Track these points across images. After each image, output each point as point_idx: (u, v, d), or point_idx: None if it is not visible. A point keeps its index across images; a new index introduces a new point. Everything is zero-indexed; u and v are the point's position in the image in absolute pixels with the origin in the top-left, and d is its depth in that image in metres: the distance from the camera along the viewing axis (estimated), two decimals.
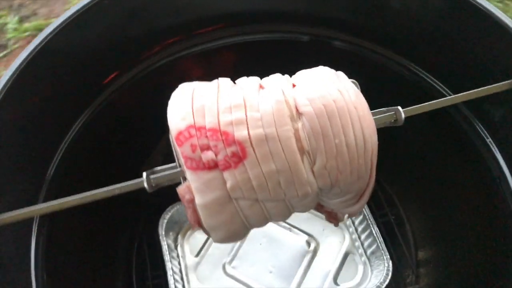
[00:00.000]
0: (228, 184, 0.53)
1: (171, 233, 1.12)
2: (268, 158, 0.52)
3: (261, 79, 0.62)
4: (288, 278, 1.06)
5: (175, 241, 1.13)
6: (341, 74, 0.63)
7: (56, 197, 0.63)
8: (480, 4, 0.79)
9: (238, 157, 0.52)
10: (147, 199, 1.17)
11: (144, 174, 0.62)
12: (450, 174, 1.04)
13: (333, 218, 0.71)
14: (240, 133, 0.53)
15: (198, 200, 0.54)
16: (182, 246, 1.13)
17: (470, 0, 0.80)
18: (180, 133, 0.54)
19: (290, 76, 0.62)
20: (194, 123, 0.54)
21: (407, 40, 0.95)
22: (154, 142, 1.15)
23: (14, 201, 0.76)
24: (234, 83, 0.61)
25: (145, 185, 0.62)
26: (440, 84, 0.94)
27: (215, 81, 0.61)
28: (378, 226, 1.10)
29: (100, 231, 1.08)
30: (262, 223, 0.60)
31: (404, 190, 1.17)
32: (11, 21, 2.38)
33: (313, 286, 1.04)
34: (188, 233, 1.15)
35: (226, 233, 0.57)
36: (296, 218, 1.12)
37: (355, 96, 0.58)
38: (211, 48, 1.04)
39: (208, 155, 0.53)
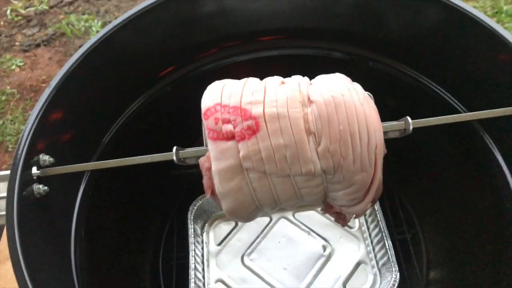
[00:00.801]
0: (241, 154, 0.62)
1: (199, 220, 1.22)
2: (277, 133, 0.62)
3: None
4: (300, 277, 1.12)
5: (202, 228, 1.23)
6: (355, 83, 0.71)
7: None
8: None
9: (252, 130, 0.62)
10: (183, 187, 1.30)
11: (174, 148, 0.73)
12: (469, 200, 1.07)
13: (341, 219, 0.77)
14: (257, 110, 0.63)
15: (214, 167, 0.64)
16: (207, 233, 1.23)
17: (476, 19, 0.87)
18: (208, 109, 0.65)
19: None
20: (221, 102, 0.66)
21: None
22: (195, 136, 1.26)
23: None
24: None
25: (174, 157, 0.73)
26: (455, 100, 0.99)
27: (244, 78, 0.72)
28: (394, 242, 1.14)
29: (137, 209, 1.20)
30: (270, 203, 0.68)
31: (424, 211, 1.20)
32: (95, 25, 2.64)
33: (322, 286, 1.10)
34: (215, 222, 1.25)
35: (235, 202, 0.65)
36: (315, 223, 1.20)
37: (363, 97, 0.67)
38: (259, 57, 1.14)
39: (228, 127, 0.63)
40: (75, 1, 2.88)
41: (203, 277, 1.14)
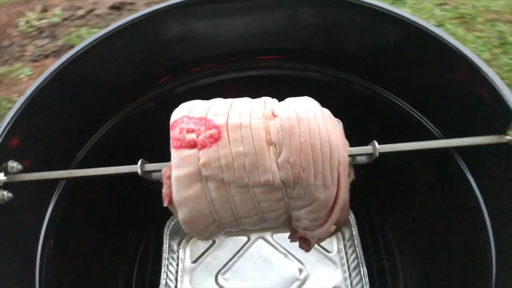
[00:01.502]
0: (201, 161, 0.62)
1: (176, 236, 1.21)
2: (238, 141, 0.62)
3: None
4: None
5: (179, 244, 1.22)
6: (324, 108, 0.71)
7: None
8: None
9: (214, 139, 0.63)
10: (161, 202, 1.29)
11: (140, 161, 0.73)
12: (447, 230, 1.05)
13: (305, 244, 0.76)
14: (220, 120, 0.64)
15: (173, 174, 0.64)
16: (184, 250, 1.21)
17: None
18: (175, 121, 0.67)
19: None
20: (188, 114, 0.67)
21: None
22: None
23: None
24: None
25: (138, 170, 0.73)
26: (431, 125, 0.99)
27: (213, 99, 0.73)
28: (371, 269, 1.12)
29: (114, 222, 1.18)
30: (229, 216, 0.66)
31: (404, 239, 1.18)
32: None
33: None
34: (193, 239, 1.23)
35: (191, 211, 0.64)
36: (293, 245, 1.17)
37: (328, 117, 0.67)
38: (226, 78, 1.15)
39: (191, 136, 0.64)
40: (86, 15, 2.93)
41: None
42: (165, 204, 0.67)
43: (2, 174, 0.78)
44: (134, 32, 0.97)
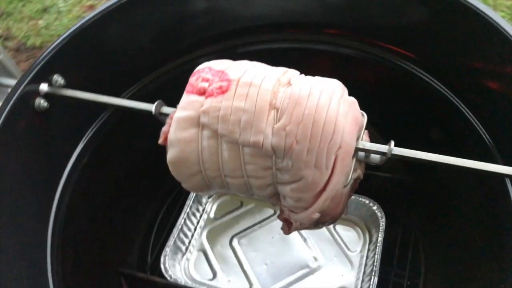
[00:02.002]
0: (203, 107, 0.63)
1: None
2: (242, 97, 0.61)
3: None
4: (277, 278, 1.08)
5: (209, 197, 1.24)
6: (351, 97, 0.67)
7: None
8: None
9: (222, 90, 0.63)
10: None
11: (157, 101, 0.74)
12: (483, 264, 0.93)
13: (286, 225, 0.72)
14: (234, 75, 0.64)
15: (175, 114, 0.65)
16: (211, 204, 1.23)
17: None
18: (197, 69, 0.69)
19: None
20: (211, 66, 0.68)
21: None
22: None
23: None
24: None
25: (153, 109, 0.74)
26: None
27: None
28: (387, 283, 1.04)
29: (147, 171, 1.23)
30: (214, 169, 0.65)
31: (436, 264, 1.07)
32: None
33: None
34: (224, 197, 1.25)
35: (180, 153, 0.65)
36: (316, 234, 1.14)
37: (346, 102, 0.63)
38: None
39: (203, 84, 0.65)
40: None
41: (189, 242, 1.15)
42: (160, 140, 0.68)
43: (46, 85, 0.84)
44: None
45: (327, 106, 0.60)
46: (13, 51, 2.35)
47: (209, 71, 0.67)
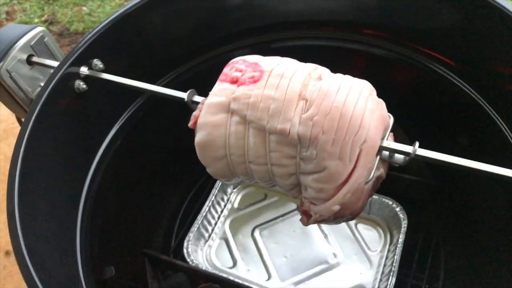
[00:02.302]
0: (234, 94, 0.65)
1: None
2: (273, 87, 0.64)
3: None
4: (295, 271, 1.09)
5: (234, 188, 1.27)
6: (380, 99, 0.68)
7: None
8: None
9: (254, 80, 0.66)
10: None
11: (190, 90, 0.77)
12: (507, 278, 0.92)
13: (305, 216, 0.73)
14: (267, 67, 0.67)
15: (207, 100, 0.69)
16: (236, 195, 1.26)
17: None
18: (232, 61, 0.72)
19: None
20: (245, 58, 0.71)
21: None
22: None
23: None
24: None
25: (186, 97, 0.77)
26: None
27: None
28: (405, 284, 1.04)
29: (173, 159, 1.27)
30: (239, 155, 0.67)
31: (456, 272, 1.06)
32: None
33: None
34: (249, 188, 1.27)
35: (207, 136, 0.67)
36: (337, 231, 1.16)
37: (374, 100, 0.65)
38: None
39: (237, 73, 0.68)
40: None
41: (212, 230, 1.18)
42: (190, 123, 0.71)
43: (86, 68, 0.88)
44: None
45: (355, 101, 0.62)
46: (56, 36, 2.44)
47: (243, 62, 0.70)
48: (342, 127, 0.61)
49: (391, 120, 0.69)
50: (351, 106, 0.61)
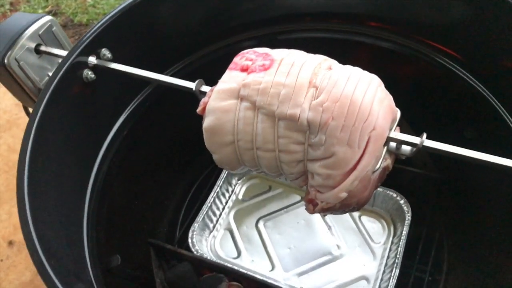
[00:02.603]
0: (244, 81, 0.66)
1: (236, 174, 1.26)
2: (284, 74, 0.65)
3: None
4: (299, 262, 1.10)
5: (239, 179, 1.27)
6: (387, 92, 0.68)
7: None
8: None
9: (264, 68, 0.67)
10: None
11: (198, 80, 0.77)
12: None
13: (311, 204, 0.72)
14: (277, 56, 0.68)
15: (216, 87, 0.69)
16: (240, 186, 1.27)
17: None
18: (242, 52, 0.72)
19: None
20: (255, 49, 0.72)
21: None
22: None
23: None
24: None
25: (194, 86, 0.77)
26: None
27: None
28: (408, 277, 1.05)
29: (178, 150, 1.28)
30: (247, 140, 0.67)
31: (459, 264, 1.07)
32: None
33: (314, 281, 1.07)
34: (253, 180, 1.28)
35: (216, 120, 0.68)
36: (341, 223, 1.17)
37: (383, 91, 0.66)
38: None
39: (247, 62, 0.69)
40: None
41: (217, 220, 1.19)
42: (198, 109, 0.71)
43: (94, 58, 0.89)
44: None
45: (365, 90, 0.63)
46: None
47: (253, 53, 0.71)
48: (352, 114, 0.61)
49: (399, 113, 0.70)
50: (361, 94, 0.62)
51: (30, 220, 0.69)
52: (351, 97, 0.62)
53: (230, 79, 0.68)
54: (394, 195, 1.14)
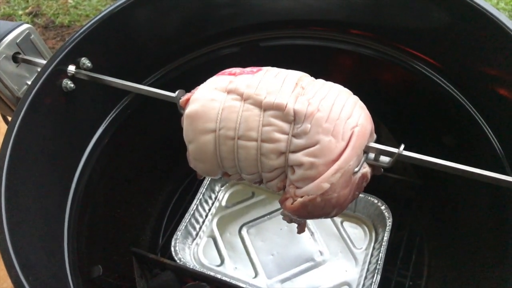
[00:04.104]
0: (233, 79, 0.69)
1: (220, 179, 1.26)
2: (271, 76, 0.68)
3: None
4: (282, 268, 1.11)
5: (222, 186, 1.27)
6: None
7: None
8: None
9: (253, 72, 0.70)
10: None
11: (177, 92, 0.77)
12: (488, 275, 0.94)
13: (290, 199, 0.70)
14: (264, 68, 0.71)
15: (204, 84, 0.71)
16: (223, 193, 1.27)
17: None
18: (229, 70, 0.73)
19: None
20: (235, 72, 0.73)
21: None
22: None
23: None
24: None
25: (176, 94, 0.77)
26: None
27: None
28: (389, 282, 1.06)
29: (161, 156, 1.27)
30: (229, 128, 0.67)
31: (439, 269, 1.09)
32: None
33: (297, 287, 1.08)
34: (236, 186, 1.28)
35: (200, 107, 0.68)
36: (323, 228, 1.18)
37: (361, 103, 0.70)
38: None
39: (234, 70, 0.72)
40: None
41: (200, 228, 1.19)
42: (182, 100, 0.72)
43: (74, 67, 0.88)
44: None
45: (347, 97, 0.67)
46: (41, 28, 2.41)
47: (238, 69, 0.72)
48: (337, 109, 0.65)
49: (374, 136, 0.72)
50: (345, 97, 0.66)
51: (7, 235, 0.68)
52: (335, 98, 0.65)
53: (218, 78, 0.71)
54: (375, 201, 1.15)
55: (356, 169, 0.67)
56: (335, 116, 0.64)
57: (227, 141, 0.68)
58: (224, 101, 0.67)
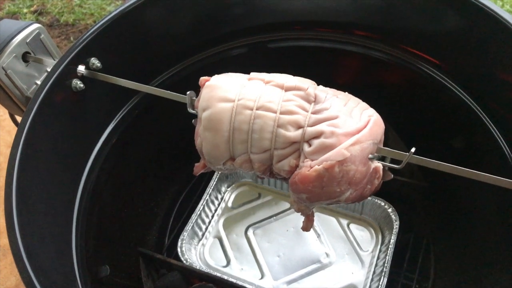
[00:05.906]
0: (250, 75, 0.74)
1: (228, 178, 1.27)
2: (288, 77, 0.73)
3: None
4: (288, 270, 1.10)
5: (228, 186, 1.27)
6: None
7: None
8: None
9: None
10: None
11: (189, 92, 0.77)
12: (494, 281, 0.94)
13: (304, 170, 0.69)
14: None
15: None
16: (230, 193, 1.27)
17: None
18: None
19: None
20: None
21: None
22: None
23: None
24: None
25: (186, 97, 0.77)
26: None
27: None
28: (396, 285, 1.06)
29: (168, 157, 1.28)
30: (250, 99, 0.69)
31: (446, 272, 1.08)
32: None
33: None
34: (242, 187, 1.28)
35: (222, 80, 0.72)
36: (330, 231, 1.17)
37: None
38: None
39: None
40: None
41: (206, 228, 1.19)
42: (201, 79, 0.75)
43: (83, 67, 0.88)
44: None
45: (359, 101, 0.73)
46: (46, 27, 2.41)
47: None
48: (352, 100, 0.71)
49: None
50: (357, 100, 0.72)
51: (18, 236, 0.68)
52: (350, 97, 0.72)
53: (236, 75, 0.75)
54: (382, 203, 1.15)
55: (371, 156, 0.68)
56: (353, 104, 0.69)
57: (244, 110, 0.69)
58: (247, 82, 0.72)
